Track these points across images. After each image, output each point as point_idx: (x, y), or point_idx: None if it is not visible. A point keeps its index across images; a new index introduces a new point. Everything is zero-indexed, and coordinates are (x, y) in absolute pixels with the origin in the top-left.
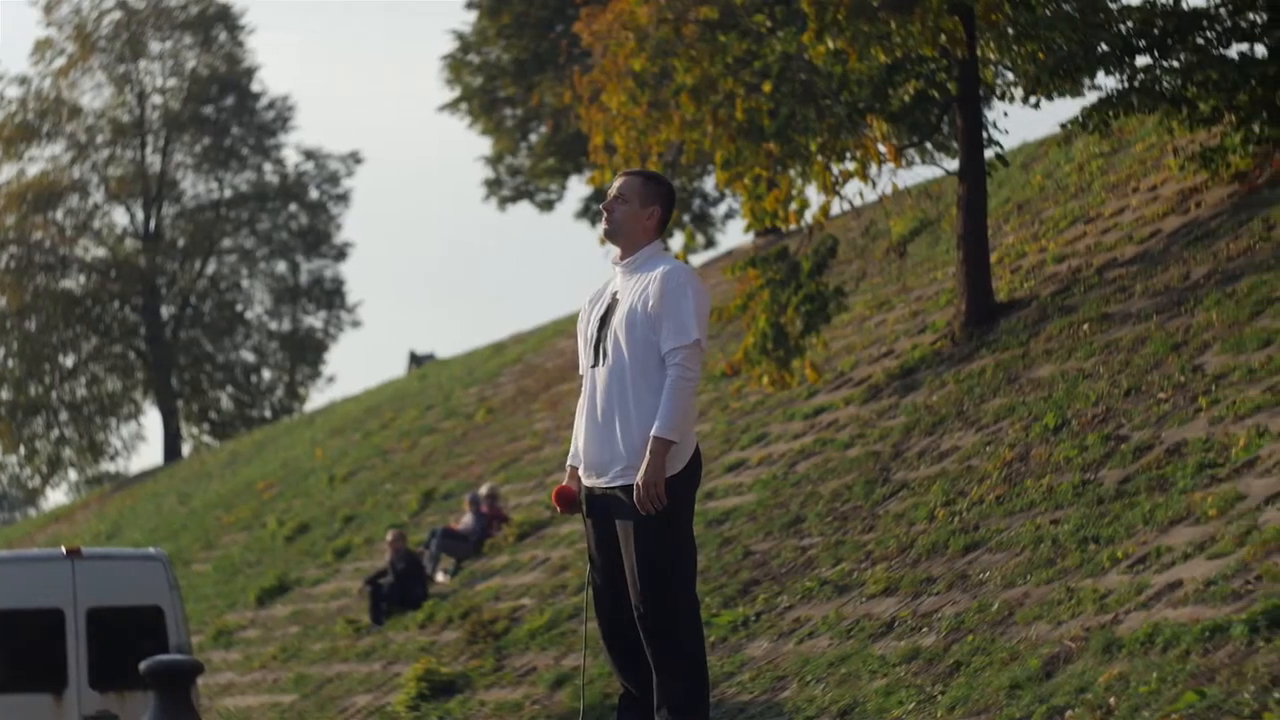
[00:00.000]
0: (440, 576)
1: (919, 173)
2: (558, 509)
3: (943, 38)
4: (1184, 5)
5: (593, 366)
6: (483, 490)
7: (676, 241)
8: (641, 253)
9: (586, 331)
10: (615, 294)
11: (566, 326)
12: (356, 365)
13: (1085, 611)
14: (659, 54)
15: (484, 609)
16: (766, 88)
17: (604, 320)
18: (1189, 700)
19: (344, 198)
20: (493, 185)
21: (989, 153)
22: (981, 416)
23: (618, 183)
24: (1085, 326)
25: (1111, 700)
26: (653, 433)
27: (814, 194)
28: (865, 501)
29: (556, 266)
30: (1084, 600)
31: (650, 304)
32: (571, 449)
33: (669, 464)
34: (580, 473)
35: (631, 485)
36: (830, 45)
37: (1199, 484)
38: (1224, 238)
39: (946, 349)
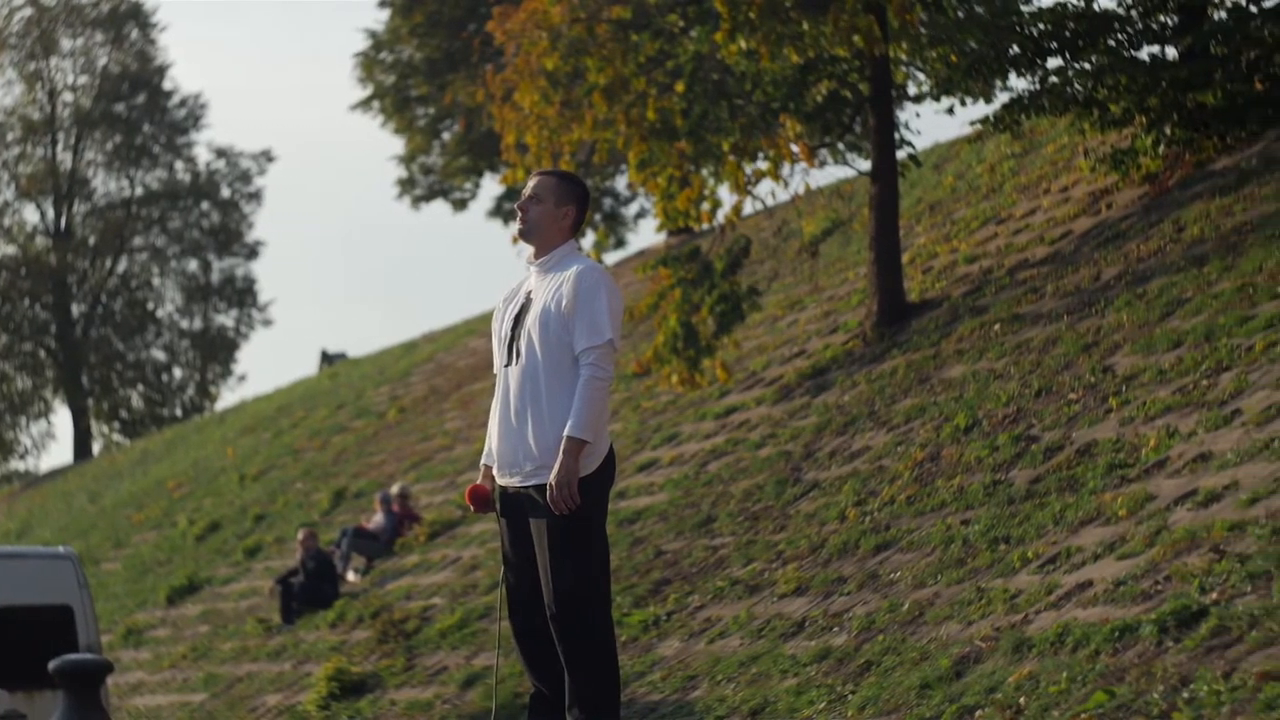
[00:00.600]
0: (351, 576)
1: (831, 173)
2: (471, 508)
3: (857, 38)
4: (1095, 8)
5: (506, 366)
6: (393, 489)
7: (588, 241)
8: (556, 252)
9: (500, 331)
10: (529, 293)
11: (479, 325)
12: (268, 364)
13: (995, 611)
14: (572, 53)
15: (395, 608)
16: (679, 87)
17: (518, 320)
18: (1098, 700)
19: (256, 196)
20: (405, 184)
21: (901, 153)
22: (893, 417)
23: (532, 182)
24: (996, 327)
25: (1021, 700)
26: (566, 432)
27: (726, 193)
28: (776, 501)
29: (469, 265)
30: (994, 600)
31: (564, 304)
32: (485, 448)
33: (582, 463)
34: (494, 472)
35: (545, 485)
36: (743, 45)
37: (1109, 484)
38: (1134, 239)
39: (858, 349)
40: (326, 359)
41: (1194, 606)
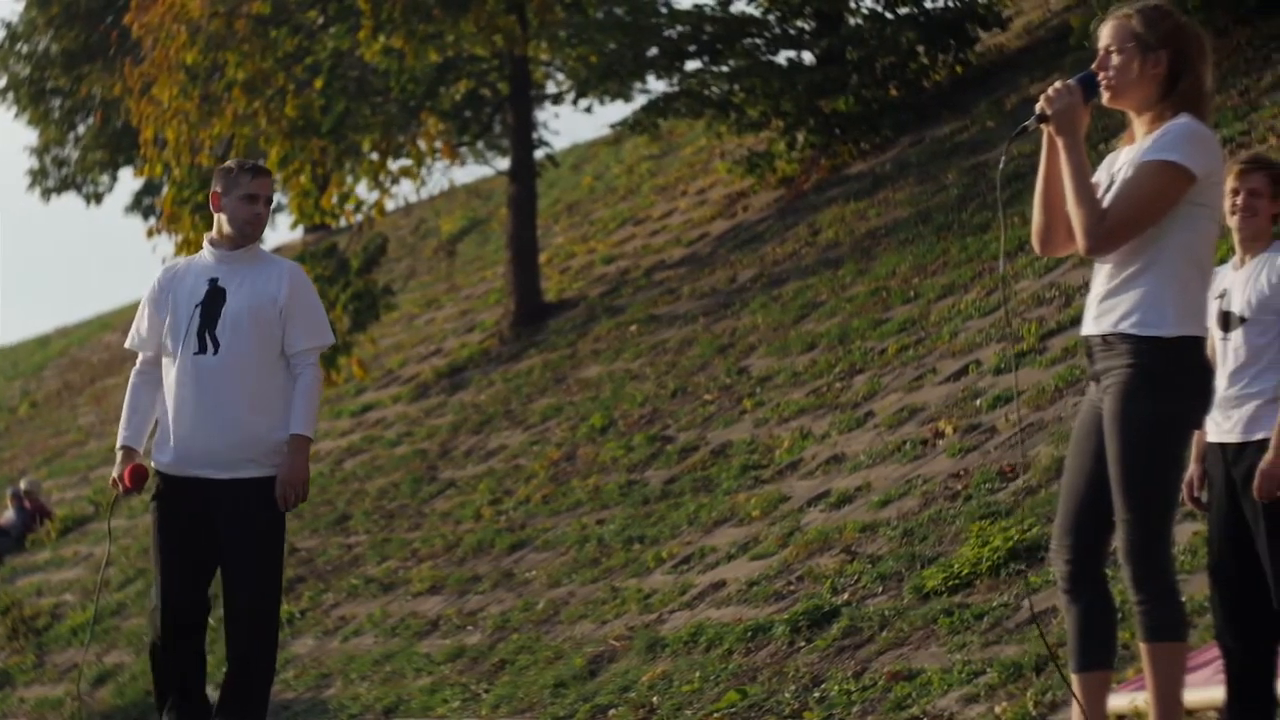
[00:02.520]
0: None
1: (471, 171)
2: (125, 486)
3: (498, 38)
4: (733, 12)
5: (197, 354)
6: (22, 484)
7: None
8: (254, 246)
9: (178, 316)
10: (215, 281)
11: (114, 320)
12: None
13: (630, 611)
14: (211, 48)
15: (25, 605)
16: (318, 84)
17: (207, 308)
18: (731, 699)
19: None
20: (37, 175)
21: (539, 153)
22: (529, 416)
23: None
24: (633, 328)
25: (654, 699)
26: (295, 430)
27: (366, 191)
28: (412, 500)
29: (103, 260)
30: (628, 600)
31: (281, 300)
32: (132, 432)
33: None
34: (168, 461)
35: (256, 479)
36: (385, 43)
37: (743, 485)
38: (770, 242)
39: (495, 348)
40: None
41: (826, 607)
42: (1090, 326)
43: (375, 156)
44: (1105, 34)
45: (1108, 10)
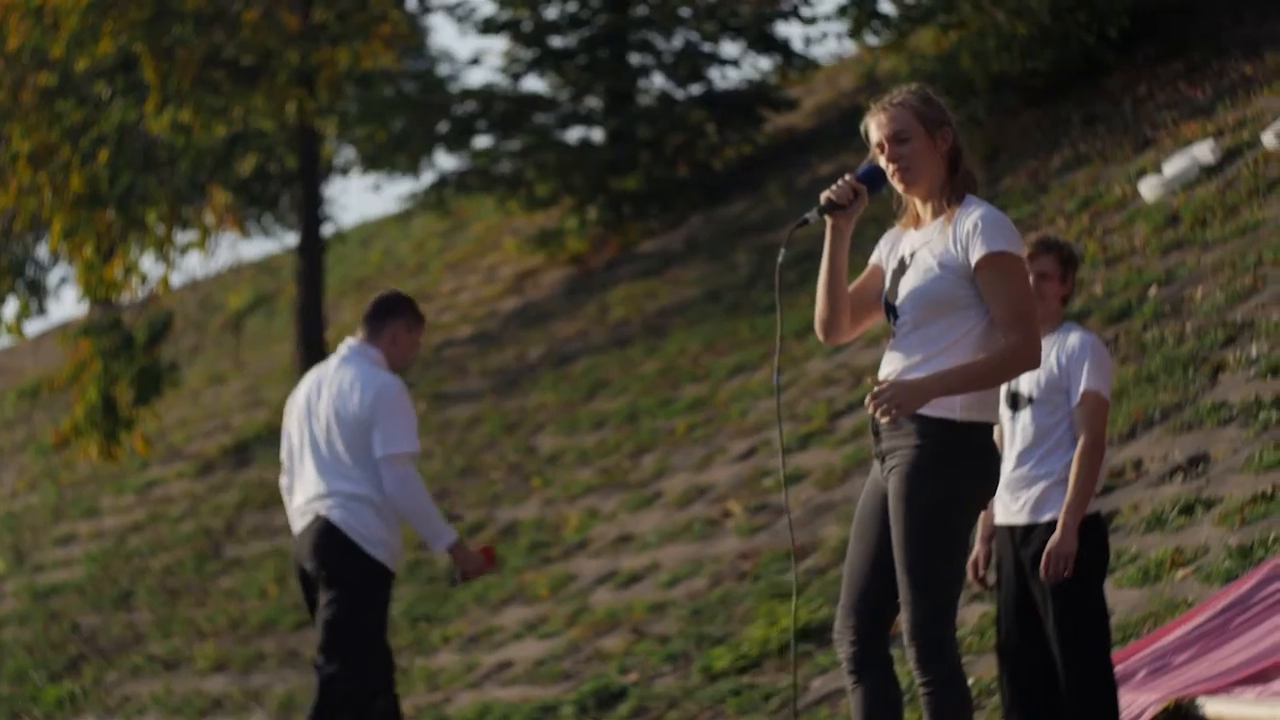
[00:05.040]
0: None
1: (259, 246)
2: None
3: (290, 108)
4: (523, 89)
5: None
6: None
7: (10, 309)
8: None
9: None
10: None
11: None
12: None
13: (416, 690)
14: None
15: None
16: (103, 156)
17: None
18: None
19: None
20: None
21: (328, 228)
22: None
23: None
24: (422, 405)
25: None
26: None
27: (152, 264)
28: (197, 577)
29: None
30: (415, 679)
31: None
32: None
33: None
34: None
35: None
36: (172, 115)
37: (531, 564)
38: (559, 320)
39: (280, 425)
40: None
41: (614, 687)
42: None
43: (161, 229)
44: (885, 124)
45: (871, 107)
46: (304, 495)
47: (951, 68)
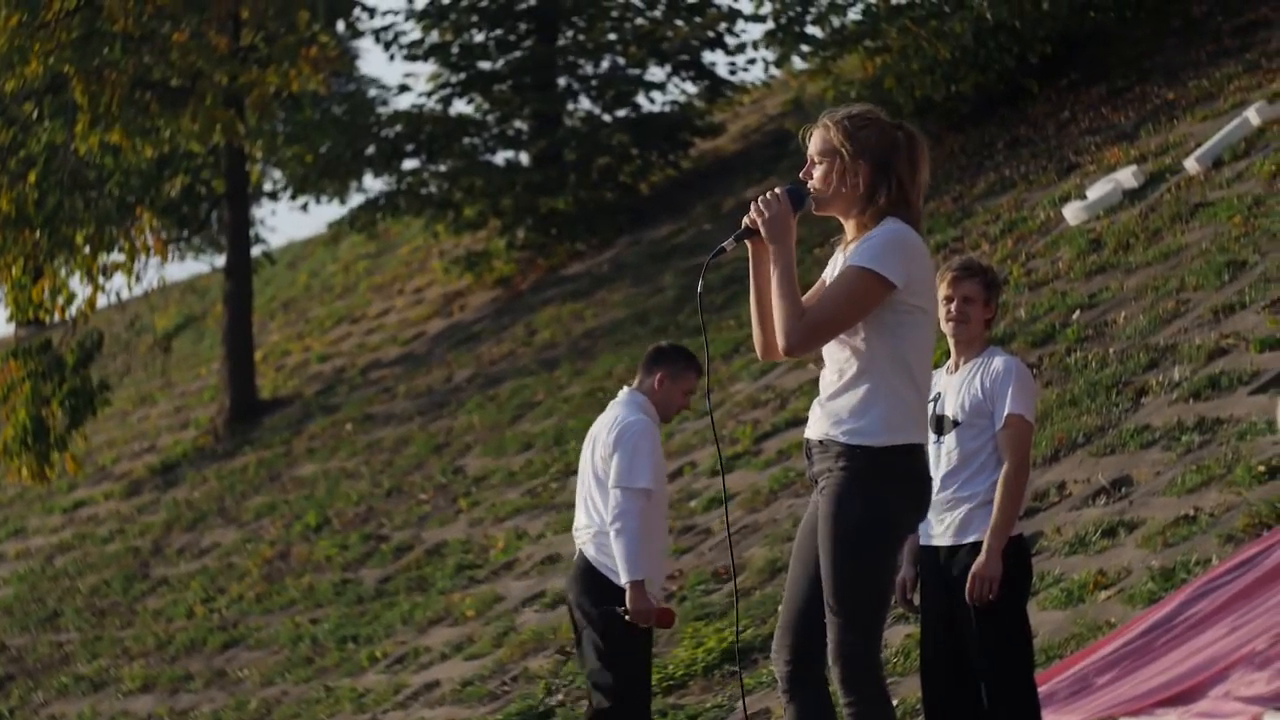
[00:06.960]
0: None
1: (187, 268)
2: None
3: (217, 130)
4: (451, 113)
5: None
6: None
7: None
8: None
9: None
10: None
11: None
12: None
13: (343, 710)
14: None
15: None
16: (31, 177)
17: None
18: None
19: None
20: None
21: (256, 250)
22: (243, 514)
23: None
24: (349, 426)
25: None
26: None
27: (80, 286)
28: (124, 597)
29: None
30: (342, 699)
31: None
32: None
33: None
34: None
35: None
36: (101, 136)
37: (458, 585)
38: (487, 342)
39: (209, 445)
40: None
41: (540, 708)
42: (811, 430)
43: (88, 250)
44: (812, 142)
45: (819, 116)
46: (575, 525)
47: (877, 92)
